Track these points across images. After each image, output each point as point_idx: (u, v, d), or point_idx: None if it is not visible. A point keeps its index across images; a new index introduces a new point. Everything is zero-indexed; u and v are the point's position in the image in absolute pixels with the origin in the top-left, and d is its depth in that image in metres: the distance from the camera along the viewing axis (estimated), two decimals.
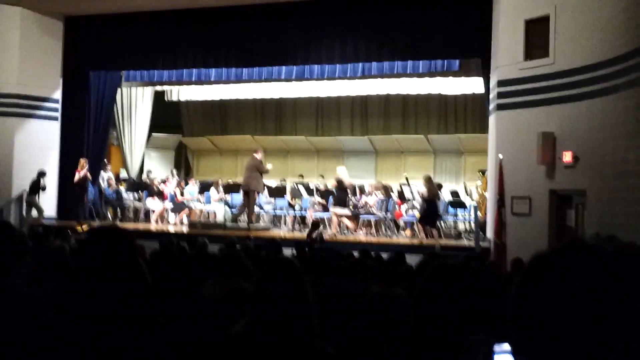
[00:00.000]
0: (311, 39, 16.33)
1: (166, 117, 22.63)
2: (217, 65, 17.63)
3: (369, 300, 3.44)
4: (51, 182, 17.72)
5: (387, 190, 16.66)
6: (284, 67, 17.41)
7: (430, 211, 14.57)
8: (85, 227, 14.39)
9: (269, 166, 16.39)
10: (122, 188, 19.06)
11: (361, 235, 15.85)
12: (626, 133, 10.33)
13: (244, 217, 16.80)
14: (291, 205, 17.64)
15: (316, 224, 13.08)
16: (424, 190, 14.60)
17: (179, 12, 17.13)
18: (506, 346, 1.66)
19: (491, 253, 12.43)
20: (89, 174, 17.19)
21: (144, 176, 20.38)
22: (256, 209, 17.91)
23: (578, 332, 1.14)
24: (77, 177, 17.05)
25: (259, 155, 16.33)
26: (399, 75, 16.93)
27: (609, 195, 10.64)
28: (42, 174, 16.81)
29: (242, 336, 2.50)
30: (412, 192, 16.38)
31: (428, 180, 14.67)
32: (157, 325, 2.44)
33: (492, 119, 13.91)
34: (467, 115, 20.38)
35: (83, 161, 17.19)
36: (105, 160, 19.27)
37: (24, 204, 16.97)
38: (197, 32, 17.09)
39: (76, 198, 17.20)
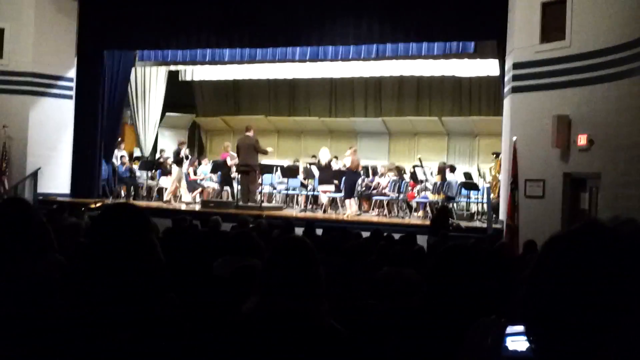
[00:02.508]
0: (325, 20, 16.22)
1: (180, 96, 22.65)
2: (231, 45, 17.58)
3: (379, 279, 3.44)
4: (65, 159, 17.82)
5: (400, 171, 16.67)
6: (298, 48, 17.32)
7: (352, 182, 15.74)
8: (98, 204, 14.47)
9: (269, 149, 16.09)
10: (136, 167, 19.15)
11: (374, 216, 15.87)
12: None
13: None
14: (304, 185, 17.65)
15: (444, 209, 13.23)
16: (348, 160, 15.68)
17: None
18: (518, 328, 1.66)
19: (503, 235, 12.42)
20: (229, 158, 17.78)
21: (157, 155, 20.47)
22: (269, 188, 17.92)
23: (593, 315, 1.13)
24: (229, 162, 17.56)
25: (252, 134, 16.14)
26: (413, 57, 16.79)
27: (623, 178, 10.58)
28: (182, 143, 17.79)
29: (251, 314, 2.51)
30: (425, 174, 16.37)
31: (354, 152, 15.97)
32: (169, 303, 2.45)
33: (507, 102, 13.81)
34: (482, 97, 20.21)
35: (227, 144, 18.41)
36: (119, 138, 19.35)
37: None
38: (211, 12, 16.99)
39: (229, 179, 17.67)
